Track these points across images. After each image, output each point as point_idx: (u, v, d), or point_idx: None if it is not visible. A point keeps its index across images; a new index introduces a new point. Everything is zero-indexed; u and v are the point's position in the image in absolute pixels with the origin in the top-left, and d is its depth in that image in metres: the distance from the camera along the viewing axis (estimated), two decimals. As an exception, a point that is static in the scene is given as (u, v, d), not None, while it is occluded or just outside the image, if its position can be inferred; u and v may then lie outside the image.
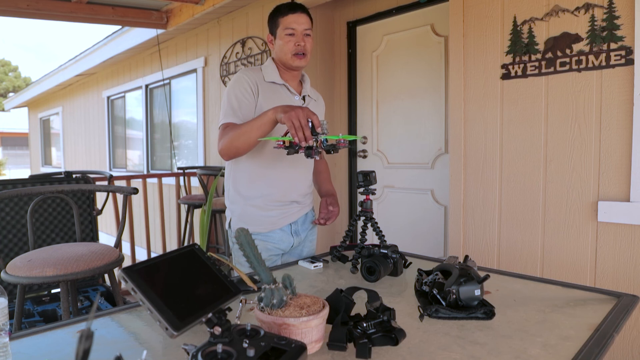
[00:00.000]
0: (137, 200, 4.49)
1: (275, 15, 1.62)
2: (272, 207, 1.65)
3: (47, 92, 9.39)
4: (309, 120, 1.28)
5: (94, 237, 3.03)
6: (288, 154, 1.32)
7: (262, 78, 1.63)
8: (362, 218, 1.55)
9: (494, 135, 2.27)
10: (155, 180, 4.69)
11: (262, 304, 0.87)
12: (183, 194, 4.44)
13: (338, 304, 0.93)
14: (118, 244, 2.02)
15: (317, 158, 1.33)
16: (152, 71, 5.63)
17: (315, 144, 1.29)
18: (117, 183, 4.27)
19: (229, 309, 0.85)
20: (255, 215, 1.64)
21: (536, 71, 2.11)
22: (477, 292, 1.03)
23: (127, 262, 3.89)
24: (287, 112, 1.29)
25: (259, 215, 1.64)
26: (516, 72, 2.17)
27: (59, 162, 9.81)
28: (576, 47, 1.99)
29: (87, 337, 0.49)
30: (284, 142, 1.31)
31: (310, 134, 1.27)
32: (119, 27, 5.38)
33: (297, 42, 1.58)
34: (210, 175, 3.90)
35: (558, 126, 2.06)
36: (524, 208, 2.18)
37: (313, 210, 1.83)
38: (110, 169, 7.08)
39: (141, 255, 4.45)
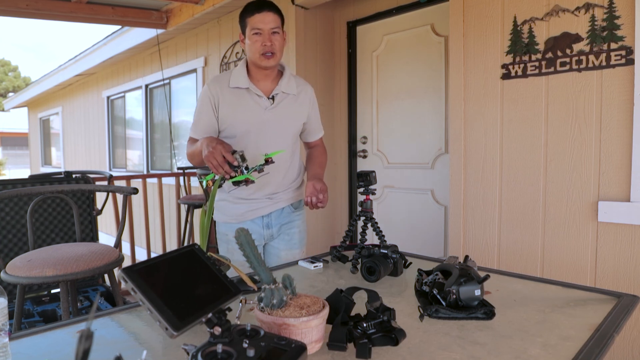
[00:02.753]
0: (137, 200, 4.49)
1: (244, 15, 1.60)
2: (239, 201, 1.71)
3: (47, 92, 9.39)
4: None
5: (94, 237, 3.03)
6: (219, 187, 1.48)
7: (227, 84, 1.64)
8: (362, 218, 1.55)
9: (494, 135, 2.26)
10: (155, 180, 4.69)
11: (262, 304, 0.87)
12: (183, 194, 4.43)
13: (338, 304, 0.93)
14: (118, 244, 2.02)
15: (247, 185, 1.46)
16: (152, 71, 5.62)
17: (236, 174, 1.42)
18: (117, 183, 4.27)
19: (229, 309, 0.85)
20: (226, 206, 1.74)
21: (536, 71, 2.11)
22: (477, 292, 1.03)
23: (127, 262, 3.88)
24: (205, 155, 1.43)
25: (229, 206, 1.73)
26: (516, 72, 2.17)
27: (58, 162, 9.80)
28: (576, 47, 1.99)
29: (87, 337, 0.49)
30: (207, 182, 1.47)
31: (229, 168, 1.41)
32: (119, 27, 5.37)
33: (263, 42, 1.57)
34: (210, 175, 3.90)
35: (558, 126, 2.06)
36: (524, 208, 2.18)
37: (294, 207, 1.79)
38: (110, 169, 7.07)
39: (141, 255, 4.44)
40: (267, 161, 1.45)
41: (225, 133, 1.68)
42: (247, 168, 1.42)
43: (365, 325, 0.88)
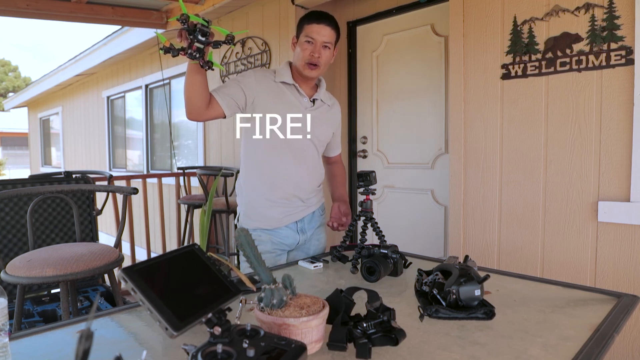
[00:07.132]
0: (137, 200, 4.49)
1: (302, 21, 1.66)
2: (275, 205, 1.67)
3: (47, 92, 9.38)
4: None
5: (94, 237, 3.03)
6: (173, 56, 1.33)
7: (273, 78, 1.67)
8: (362, 218, 1.55)
9: (494, 135, 2.26)
10: (155, 180, 4.69)
11: (262, 304, 0.87)
12: (183, 194, 4.43)
13: (338, 304, 0.93)
14: (118, 244, 2.02)
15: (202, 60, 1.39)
16: (152, 71, 5.62)
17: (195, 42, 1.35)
18: (117, 183, 4.27)
19: (229, 309, 0.85)
20: (260, 212, 1.68)
21: (536, 71, 2.11)
22: (477, 292, 1.03)
23: (127, 262, 3.88)
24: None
25: (262, 211, 1.68)
26: (516, 72, 2.17)
27: (58, 162, 9.80)
28: (576, 47, 1.99)
29: (87, 337, 0.49)
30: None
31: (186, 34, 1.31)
32: (119, 27, 5.37)
33: (312, 52, 1.61)
34: (210, 175, 3.90)
35: (558, 126, 2.06)
36: (524, 208, 2.18)
37: (322, 210, 1.83)
38: (110, 169, 7.07)
39: (141, 255, 4.44)
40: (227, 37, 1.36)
41: None
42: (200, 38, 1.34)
43: (365, 325, 0.88)
